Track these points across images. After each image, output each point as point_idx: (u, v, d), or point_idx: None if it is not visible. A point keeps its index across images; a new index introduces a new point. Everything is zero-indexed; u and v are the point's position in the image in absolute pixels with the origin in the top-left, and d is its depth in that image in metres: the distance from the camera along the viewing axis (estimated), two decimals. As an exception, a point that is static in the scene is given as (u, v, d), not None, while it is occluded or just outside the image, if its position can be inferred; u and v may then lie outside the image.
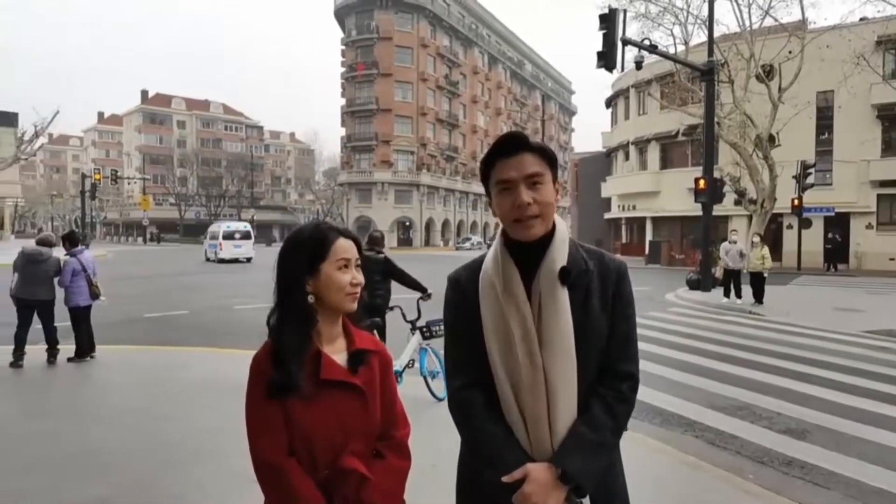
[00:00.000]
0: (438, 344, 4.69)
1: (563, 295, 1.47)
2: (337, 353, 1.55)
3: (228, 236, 31.68)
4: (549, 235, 1.51)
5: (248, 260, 31.57)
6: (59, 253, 7.86)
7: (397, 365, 6.69)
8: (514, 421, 1.49)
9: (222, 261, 30.55)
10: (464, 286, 1.59)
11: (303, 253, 1.52)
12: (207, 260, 32.25)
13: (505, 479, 1.42)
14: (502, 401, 1.50)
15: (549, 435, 1.46)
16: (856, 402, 6.16)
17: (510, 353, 1.48)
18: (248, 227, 34.49)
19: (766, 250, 14.11)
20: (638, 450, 4.24)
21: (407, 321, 5.97)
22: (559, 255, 1.49)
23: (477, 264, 1.61)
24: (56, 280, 7.63)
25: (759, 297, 14.22)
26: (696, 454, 4.61)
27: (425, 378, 5.90)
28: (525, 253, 1.51)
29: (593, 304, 1.50)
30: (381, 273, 6.48)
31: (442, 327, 6.39)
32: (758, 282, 14.27)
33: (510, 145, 1.51)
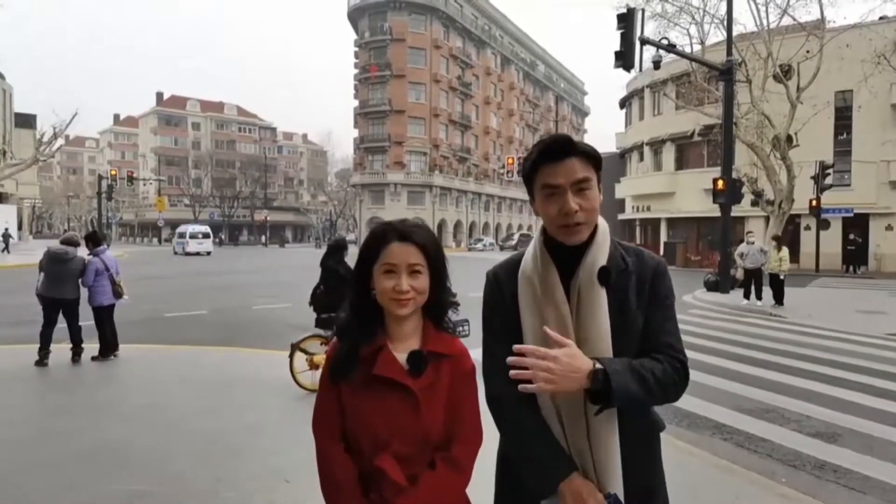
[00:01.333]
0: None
1: (602, 295, 1.46)
2: (403, 352, 1.54)
3: (193, 236, 42.74)
4: (591, 234, 1.51)
5: (208, 253, 41.43)
6: (82, 253, 7.93)
7: None
8: (549, 417, 1.49)
9: (188, 254, 40.99)
10: (502, 284, 1.59)
11: (366, 253, 1.57)
12: (175, 253, 42.07)
13: (546, 328, 1.43)
14: (540, 400, 1.50)
15: (587, 435, 1.46)
16: (887, 406, 6.06)
17: None
18: (208, 229, 45.38)
19: (784, 252, 14.10)
20: (668, 451, 4.19)
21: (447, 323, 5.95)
22: (600, 254, 1.49)
23: (516, 261, 1.61)
24: (80, 280, 7.69)
25: (779, 298, 14.17)
26: (726, 457, 4.55)
27: None
28: (565, 252, 1.50)
29: (631, 303, 1.49)
30: None
31: (466, 328, 6.41)
32: (777, 283, 14.19)
33: (557, 151, 1.48)
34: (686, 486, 3.84)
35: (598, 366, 1.37)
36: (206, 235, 43.36)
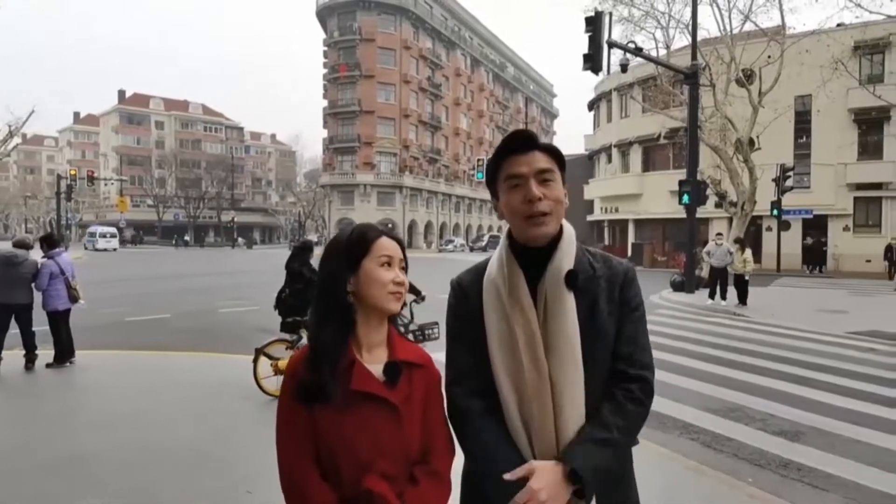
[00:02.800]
0: (430, 347, 4.59)
1: (570, 299, 1.43)
2: (374, 363, 1.45)
3: (102, 235, 50.63)
4: (557, 238, 1.47)
5: (115, 250, 48.91)
6: (35, 256, 7.63)
7: None
8: (515, 429, 1.43)
9: (97, 249, 47.93)
10: (467, 290, 1.55)
11: (345, 250, 1.47)
12: (86, 249, 48.89)
13: (507, 476, 1.33)
14: (504, 409, 1.45)
15: (556, 444, 1.41)
16: (848, 404, 6.19)
17: (514, 359, 1.43)
18: (115, 230, 53.04)
19: (748, 253, 14.44)
20: (641, 453, 4.19)
21: (399, 324, 5.87)
22: (567, 258, 1.45)
23: (481, 268, 1.57)
24: (33, 283, 7.39)
25: (743, 298, 14.50)
26: (694, 457, 4.58)
27: None
28: (531, 256, 1.46)
29: (601, 308, 1.45)
30: None
31: (435, 330, 6.35)
32: (741, 284, 14.52)
33: (520, 142, 1.48)
34: (660, 489, 3.83)
35: (567, 466, 1.33)
36: (112, 235, 51.66)
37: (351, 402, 1.39)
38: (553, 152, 1.48)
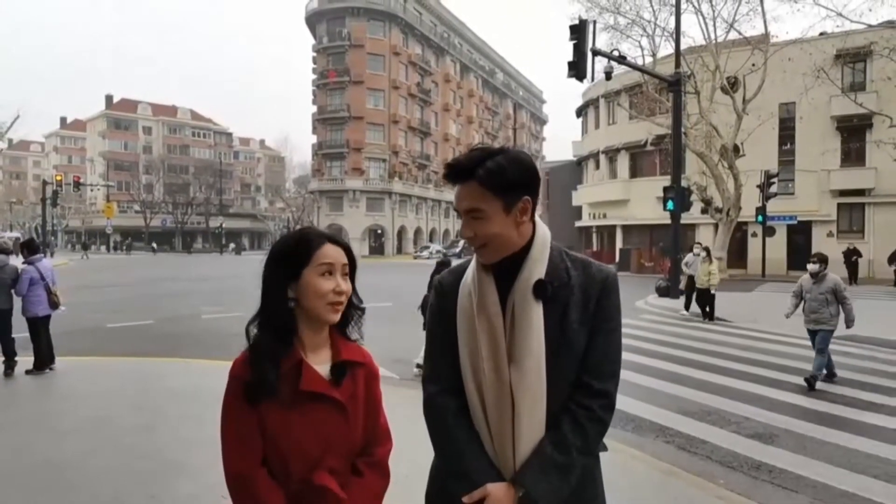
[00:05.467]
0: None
1: (537, 310, 1.42)
2: (321, 363, 1.48)
3: None
4: (527, 247, 1.46)
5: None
6: (15, 261, 7.59)
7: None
8: (481, 430, 1.47)
9: None
10: (447, 290, 1.56)
11: (286, 257, 1.46)
12: None
13: (465, 499, 1.39)
14: (471, 411, 1.47)
15: (513, 451, 1.42)
16: (822, 407, 6.29)
17: (478, 367, 1.44)
18: (19, 234, 52.58)
19: (714, 266, 13.21)
20: (612, 456, 4.23)
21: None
22: (536, 268, 1.44)
23: (462, 269, 1.57)
24: (13, 289, 7.34)
25: (709, 314, 13.21)
26: (667, 460, 4.63)
27: None
28: (504, 265, 1.46)
29: (571, 319, 1.43)
30: None
31: None
32: (705, 298, 13.19)
33: (452, 175, 1.46)
34: (627, 490, 3.88)
35: (519, 490, 1.38)
36: (10, 239, 56.98)
37: (299, 402, 1.42)
38: (491, 180, 1.40)
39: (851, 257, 23.92)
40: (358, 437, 1.49)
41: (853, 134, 28.88)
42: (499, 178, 1.40)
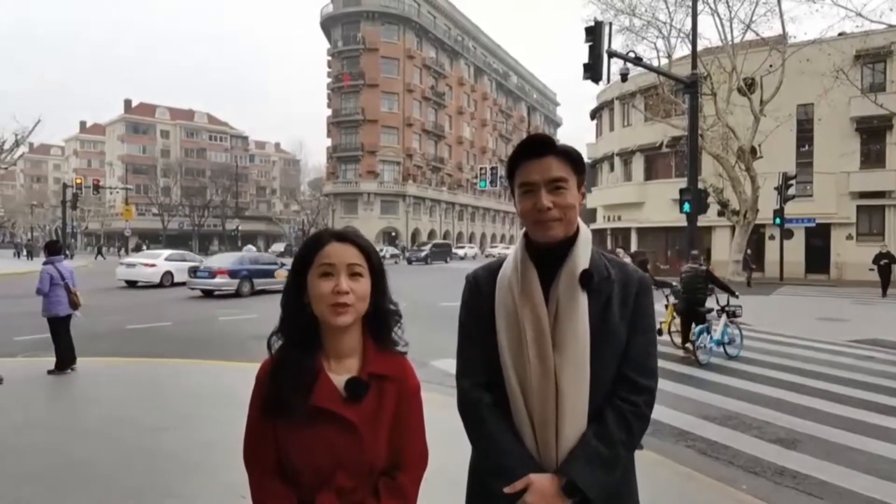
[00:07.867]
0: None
1: (583, 299, 1.45)
2: (344, 374, 1.40)
3: None
4: (573, 238, 1.50)
5: None
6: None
7: (716, 334, 8.87)
8: (521, 423, 1.47)
9: None
10: (481, 285, 1.58)
11: (297, 262, 1.43)
12: None
13: (507, 489, 1.38)
14: (511, 403, 1.48)
15: (556, 440, 1.43)
16: (845, 412, 6.18)
17: (521, 354, 1.45)
18: None
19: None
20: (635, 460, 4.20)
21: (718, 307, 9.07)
22: (582, 258, 1.48)
23: (497, 265, 1.61)
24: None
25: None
26: (689, 464, 4.57)
27: (723, 344, 8.86)
28: (546, 256, 1.49)
29: (613, 312, 1.46)
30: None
31: (739, 310, 9.04)
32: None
33: (535, 147, 1.49)
34: (649, 493, 3.83)
35: (563, 478, 1.38)
36: None
37: (312, 416, 1.36)
38: (570, 156, 1.49)
39: (881, 261, 20.87)
40: (375, 458, 1.38)
41: (873, 135, 28.45)
42: (575, 154, 1.51)
